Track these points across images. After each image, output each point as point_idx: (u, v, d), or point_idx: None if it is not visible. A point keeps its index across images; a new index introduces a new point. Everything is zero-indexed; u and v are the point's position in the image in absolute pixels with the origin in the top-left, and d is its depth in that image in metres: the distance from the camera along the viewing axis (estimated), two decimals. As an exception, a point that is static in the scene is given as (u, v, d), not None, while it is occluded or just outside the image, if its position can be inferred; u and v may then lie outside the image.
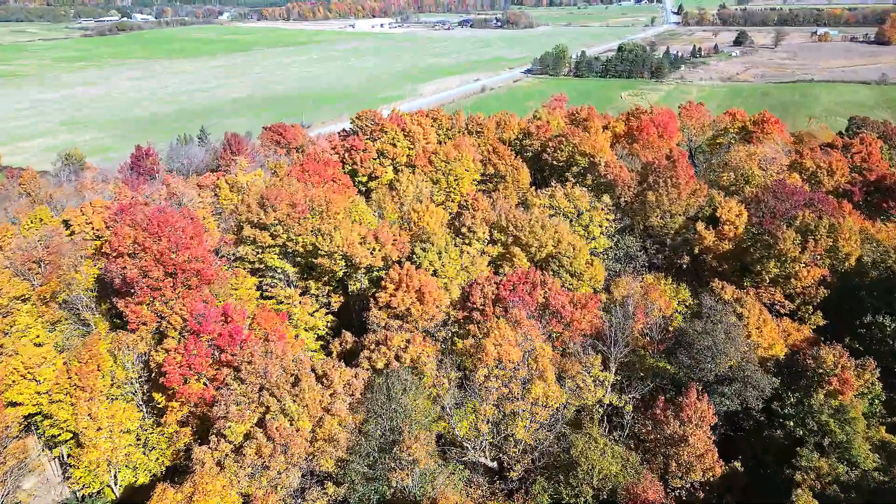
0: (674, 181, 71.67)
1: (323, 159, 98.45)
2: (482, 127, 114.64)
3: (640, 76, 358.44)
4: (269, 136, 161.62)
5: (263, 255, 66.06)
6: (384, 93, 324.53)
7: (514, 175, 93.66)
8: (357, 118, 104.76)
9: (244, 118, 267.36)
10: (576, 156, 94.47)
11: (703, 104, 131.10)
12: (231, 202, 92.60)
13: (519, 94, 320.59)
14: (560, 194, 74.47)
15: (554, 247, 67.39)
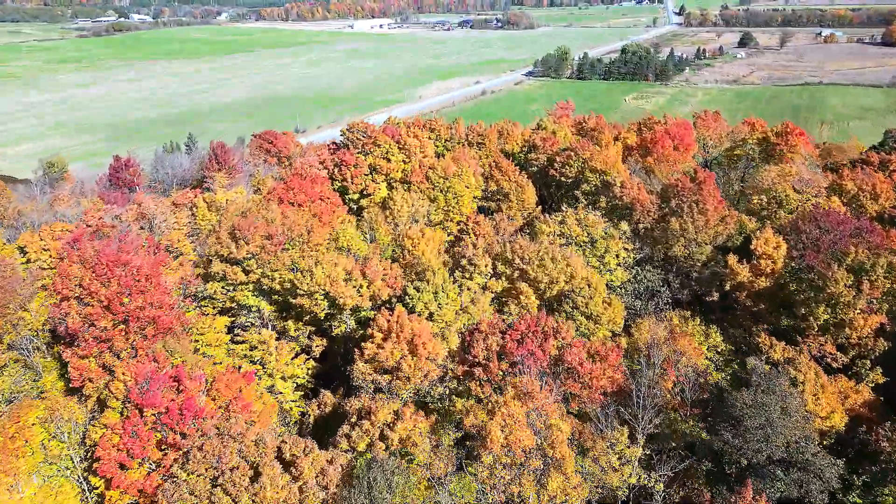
0: (700, 206, 63.57)
1: (310, 175, 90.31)
2: (483, 138, 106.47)
3: (644, 79, 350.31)
4: (258, 144, 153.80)
5: (235, 293, 57.92)
6: (382, 96, 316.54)
7: (518, 194, 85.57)
8: (348, 130, 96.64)
9: (238, 122, 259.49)
10: (586, 172, 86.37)
11: (719, 112, 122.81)
12: (209, 222, 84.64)
13: (520, 98, 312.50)
14: (572, 220, 66.30)
15: (566, 282, 59.26)
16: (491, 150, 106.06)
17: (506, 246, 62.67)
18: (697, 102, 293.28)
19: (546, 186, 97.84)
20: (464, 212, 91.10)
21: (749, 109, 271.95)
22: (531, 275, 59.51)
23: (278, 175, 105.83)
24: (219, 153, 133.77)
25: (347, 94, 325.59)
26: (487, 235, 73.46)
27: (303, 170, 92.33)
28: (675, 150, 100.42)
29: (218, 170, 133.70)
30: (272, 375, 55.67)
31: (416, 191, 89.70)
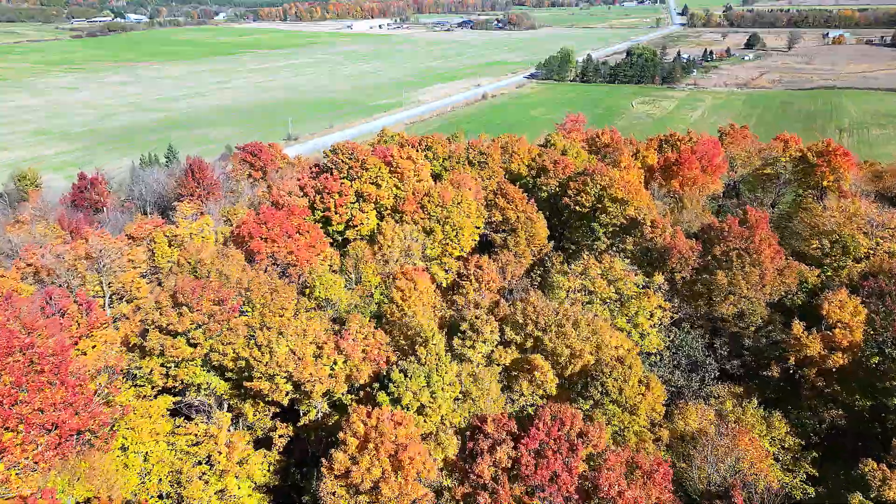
0: (753, 256, 52.01)
1: (288, 204, 78.66)
2: (486, 157, 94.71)
3: (651, 82, 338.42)
4: (242, 157, 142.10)
5: (178, 370, 46.23)
6: (380, 100, 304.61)
7: (527, 227, 73.84)
8: (332, 152, 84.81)
9: (228, 128, 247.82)
10: (605, 201, 74.70)
11: (747, 127, 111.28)
12: (170, 260, 72.98)
13: (523, 102, 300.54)
14: (595, 272, 54.56)
15: (592, 354, 47.59)
16: (494, 170, 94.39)
17: (516, 306, 50.91)
18: (707, 107, 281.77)
19: (557, 213, 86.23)
20: (464, 245, 79.47)
21: (762, 115, 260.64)
22: (548, 345, 47.79)
23: (256, 200, 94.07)
24: (196, 170, 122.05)
25: (344, 98, 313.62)
26: (492, 282, 61.75)
27: (279, 197, 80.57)
28: (704, 172, 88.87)
29: (196, 187, 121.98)
30: (222, 476, 44.02)
31: (409, 221, 78.06)
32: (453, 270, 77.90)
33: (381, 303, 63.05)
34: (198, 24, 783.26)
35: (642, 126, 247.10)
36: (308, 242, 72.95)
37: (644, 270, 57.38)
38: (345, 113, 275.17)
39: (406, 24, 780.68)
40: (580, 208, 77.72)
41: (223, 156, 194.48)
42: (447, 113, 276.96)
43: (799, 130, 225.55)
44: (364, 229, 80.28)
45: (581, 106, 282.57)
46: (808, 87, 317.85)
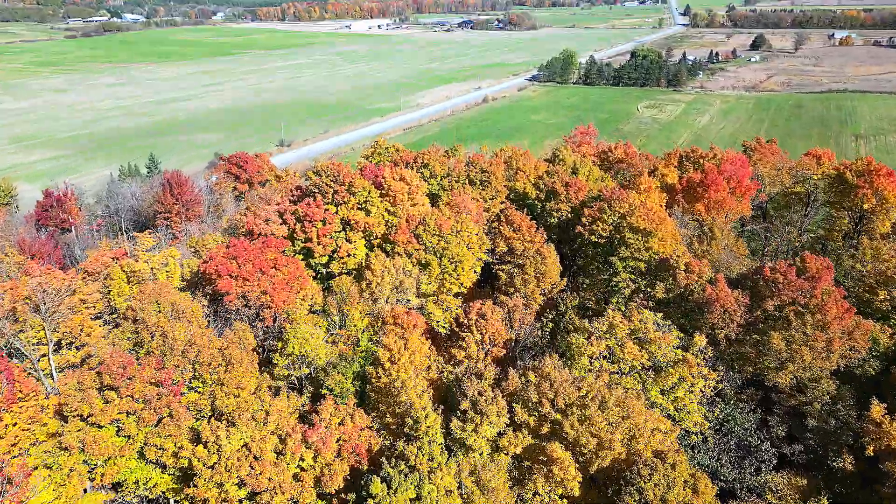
0: (817, 317, 42.72)
1: (265, 233, 69.40)
2: (488, 175, 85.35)
3: (657, 84, 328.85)
4: (227, 168, 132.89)
5: (106, 468, 36.91)
6: (377, 103, 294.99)
7: (537, 263, 64.43)
8: (315, 174, 75.49)
9: (219, 133, 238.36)
10: (624, 231, 65.42)
11: (775, 141, 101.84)
12: (127, 298, 63.74)
13: (525, 106, 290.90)
14: (623, 331, 45.08)
15: (624, 445, 38.26)
16: (498, 189, 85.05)
17: (528, 379, 41.45)
18: (716, 112, 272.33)
19: (568, 241, 76.98)
20: (464, 281, 70.15)
21: (773, 119, 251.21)
22: (569, 433, 38.41)
23: (237, 222, 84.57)
24: (174, 184, 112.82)
25: (341, 101, 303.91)
26: (497, 335, 52.42)
27: (256, 225, 71.17)
28: (732, 195, 79.55)
29: (173, 203, 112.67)
30: None
31: (401, 253, 68.76)
32: (452, 309, 68.72)
33: (365, 357, 53.70)
34: (195, 24, 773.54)
35: (649, 131, 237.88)
36: (285, 279, 63.60)
37: (678, 324, 48.05)
38: (341, 117, 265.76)
39: (405, 24, 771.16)
40: (596, 238, 68.44)
41: (211, 164, 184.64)
42: (446, 117, 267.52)
43: (814, 137, 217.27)
44: (351, 262, 70.92)
45: (585, 110, 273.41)
46: (817, 91, 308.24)
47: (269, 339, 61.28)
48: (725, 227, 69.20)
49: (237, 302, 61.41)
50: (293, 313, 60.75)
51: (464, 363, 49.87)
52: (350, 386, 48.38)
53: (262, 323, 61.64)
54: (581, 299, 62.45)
